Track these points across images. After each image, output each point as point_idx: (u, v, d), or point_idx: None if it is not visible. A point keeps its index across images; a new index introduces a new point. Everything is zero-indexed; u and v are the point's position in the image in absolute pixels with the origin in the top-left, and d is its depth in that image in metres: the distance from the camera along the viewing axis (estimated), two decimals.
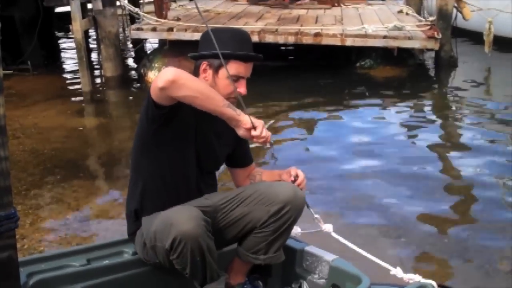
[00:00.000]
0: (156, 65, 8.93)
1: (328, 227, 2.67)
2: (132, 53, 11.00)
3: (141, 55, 9.98)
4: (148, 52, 10.00)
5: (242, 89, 2.43)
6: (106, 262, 2.53)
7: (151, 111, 2.33)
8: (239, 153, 2.72)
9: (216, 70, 2.41)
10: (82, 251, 2.59)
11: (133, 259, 2.55)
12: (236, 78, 2.42)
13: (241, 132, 2.31)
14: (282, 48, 10.24)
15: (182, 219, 2.20)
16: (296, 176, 2.58)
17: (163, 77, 2.18)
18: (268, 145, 2.37)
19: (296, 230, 2.69)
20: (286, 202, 2.37)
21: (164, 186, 2.47)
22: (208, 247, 2.23)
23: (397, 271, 2.53)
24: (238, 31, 2.55)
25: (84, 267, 2.46)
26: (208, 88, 2.27)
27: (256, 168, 2.81)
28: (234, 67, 2.42)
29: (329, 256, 2.59)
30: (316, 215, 2.63)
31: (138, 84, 8.97)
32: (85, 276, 2.43)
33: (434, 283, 2.47)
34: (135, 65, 10.18)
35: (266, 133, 2.31)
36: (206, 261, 2.26)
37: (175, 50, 8.84)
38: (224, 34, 2.46)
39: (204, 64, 2.43)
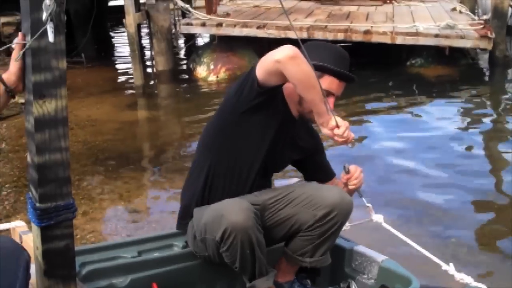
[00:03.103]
0: (205, 60, 8.99)
1: (378, 218, 2.65)
2: (184, 48, 11.11)
3: (192, 50, 10.07)
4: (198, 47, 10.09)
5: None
6: (156, 254, 2.55)
7: (248, 88, 2.36)
8: (320, 166, 2.74)
9: None
10: (133, 243, 2.62)
11: (183, 252, 2.58)
12: (326, 93, 2.45)
13: (325, 130, 2.38)
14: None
15: (233, 210, 2.22)
16: (348, 171, 2.57)
17: (283, 52, 2.23)
18: (349, 145, 2.45)
19: None
20: (333, 207, 2.36)
21: (227, 175, 2.48)
22: (257, 240, 2.25)
23: (450, 268, 2.46)
24: (339, 48, 2.60)
25: (135, 259, 2.49)
26: (315, 78, 2.30)
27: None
28: (327, 82, 2.47)
29: (378, 257, 2.57)
30: (368, 204, 2.62)
31: (188, 79, 9.05)
32: (136, 268, 2.46)
33: (485, 287, 2.43)
34: (186, 60, 10.27)
35: (348, 134, 2.36)
36: (255, 255, 2.27)
37: (224, 46, 8.90)
38: (326, 48, 2.55)
39: None
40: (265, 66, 2.30)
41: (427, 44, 8.65)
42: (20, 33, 1.77)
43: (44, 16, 1.67)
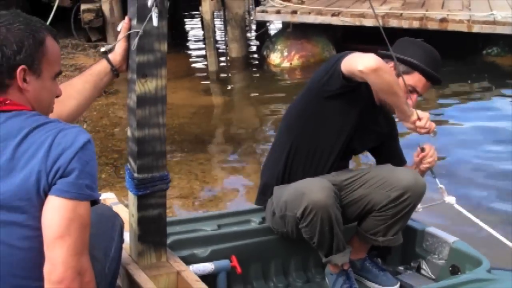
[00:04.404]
0: (278, 47, 9.06)
1: (451, 199, 2.69)
2: (256, 36, 11.21)
3: (264, 37, 10.18)
4: (272, 34, 10.17)
5: (410, 102, 2.53)
6: (235, 228, 2.69)
7: (335, 78, 2.46)
8: (393, 152, 2.81)
9: (397, 74, 2.49)
10: (213, 217, 2.78)
11: (260, 228, 2.71)
12: (411, 89, 2.54)
13: (407, 125, 2.50)
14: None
15: (314, 189, 2.34)
16: (423, 149, 2.64)
17: (367, 63, 2.32)
18: (432, 135, 2.53)
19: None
20: (407, 189, 2.43)
21: (308, 157, 2.59)
22: (336, 218, 2.36)
23: None
24: (433, 49, 2.65)
25: (215, 232, 2.64)
26: (397, 85, 2.40)
27: None
28: (415, 79, 2.55)
29: (450, 238, 2.63)
30: (441, 186, 2.67)
31: (261, 66, 9.17)
32: (216, 240, 2.61)
33: None
34: (258, 47, 10.38)
35: (429, 124, 2.48)
36: (334, 231, 2.37)
37: (298, 33, 8.95)
38: (420, 47, 2.62)
39: (390, 64, 2.51)
40: (349, 68, 2.38)
41: (504, 33, 8.46)
42: (126, 17, 1.93)
43: (150, 2, 1.82)
